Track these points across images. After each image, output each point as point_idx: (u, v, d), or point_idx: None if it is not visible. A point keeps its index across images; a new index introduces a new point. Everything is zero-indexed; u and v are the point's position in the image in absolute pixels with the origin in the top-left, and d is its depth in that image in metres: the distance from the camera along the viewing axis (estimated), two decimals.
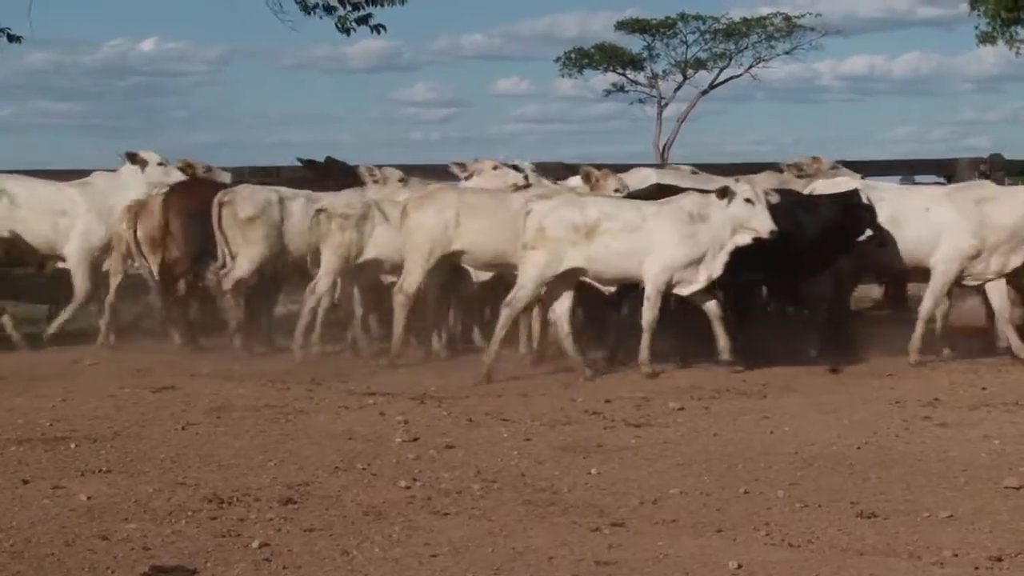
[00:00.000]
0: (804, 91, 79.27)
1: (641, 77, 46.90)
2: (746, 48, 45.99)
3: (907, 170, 16.90)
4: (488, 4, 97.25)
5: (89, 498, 6.94)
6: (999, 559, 5.92)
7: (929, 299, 11.84)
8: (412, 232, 12.23)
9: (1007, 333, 11.74)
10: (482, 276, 12.81)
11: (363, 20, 19.56)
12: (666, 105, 46.87)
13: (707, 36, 45.72)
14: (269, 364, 11.93)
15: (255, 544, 6.12)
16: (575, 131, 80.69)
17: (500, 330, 11.31)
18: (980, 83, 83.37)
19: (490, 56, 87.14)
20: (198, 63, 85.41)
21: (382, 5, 19.22)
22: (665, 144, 42.99)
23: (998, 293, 11.81)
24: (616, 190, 12.50)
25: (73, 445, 8.34)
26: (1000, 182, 14.43)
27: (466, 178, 13.63)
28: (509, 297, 11.35)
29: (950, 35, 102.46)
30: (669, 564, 5.85)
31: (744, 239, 11.10)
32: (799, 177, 13.60)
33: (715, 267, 11.20)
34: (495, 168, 13.96)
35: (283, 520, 6.57)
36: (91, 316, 13.73)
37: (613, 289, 11.98)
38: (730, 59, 46.19)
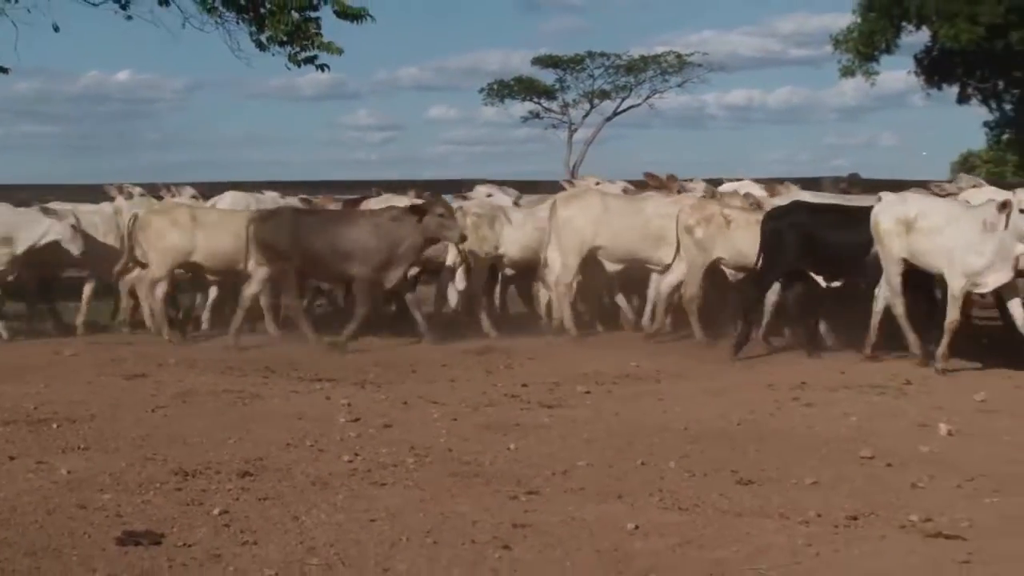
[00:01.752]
0: (693, 119, 79.51)
1: (554, 106, 46.93)
2: (644, 81, 46.13)
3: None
4: (421, 41, 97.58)
5: (69, 472, 6.87)
6: (855, 518, 6.01)
7: None
8: (562, 227, 12.64)
9: None
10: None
11: (309, 60, 19.64)
12: (576, 130, 46.98)
13: (611, 71, 45.83)
14: (228, 354, 11.83)
15: (216, 511, 6.08)
16: (497, 152, 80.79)
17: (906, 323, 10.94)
18: (842, 113, 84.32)
19: (423, 87, 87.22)
20: (167, 92, 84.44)
21: (327, 50, 19.30)
22: (575, 164, 42.96)
23: None
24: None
25: (55, 426, 8.23)
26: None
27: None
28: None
29: (817, 72, 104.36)
30: (576, 526, 5.87)
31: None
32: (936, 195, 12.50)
33: (1004, 273, 10.26)
34: (624, 190, 14.56)
35: (241, 490, 6.53)
36: None
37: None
38: (630, 91, 46.28)
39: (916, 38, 27.23)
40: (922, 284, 11.14)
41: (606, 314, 13.81)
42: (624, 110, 47.10)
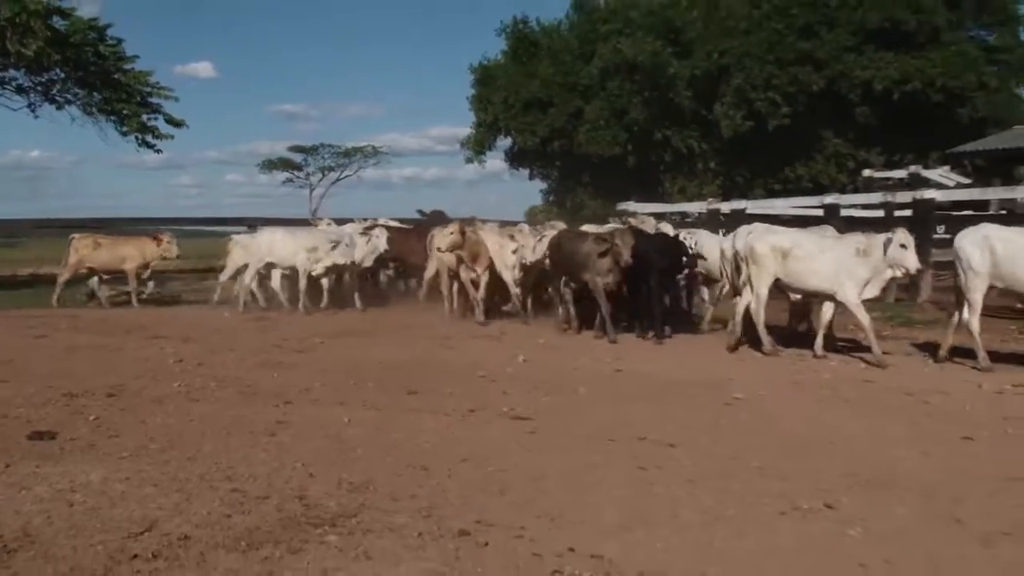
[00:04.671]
0: (385, 185, 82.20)
1: (302, 175, 46.63)
2: (354, 162, 46.30)
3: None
4: (221, 132, 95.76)
5: None
6: (473, 411, 6.20)
7: None
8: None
9: None
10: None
11: (150, 146, 20.06)
12: (314, 190, 46.71)
13: (335, 155, 45.83)
14: (104, 324, 11.08)
15: (92, 418, 5.90)
16: (267, 203, 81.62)
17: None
18: (467, 183, 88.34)
19: (223, 162, 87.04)
20: (63, 163, 78.80)
21: (161, 139, 19.93)
22: (314, 210, 42.58)
23: None
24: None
25: None
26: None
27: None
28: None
29: (453, 159, 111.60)
30: (315, 422, 5.92)
31: (898, 272, 8.06)
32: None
33: (874, 289, 8.23)
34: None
35: (108, 405, 6.32)
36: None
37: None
38: (346, 167, 46.55)
39: (506, 142, 29.15)
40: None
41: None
42: (343, 178, 47.36)
